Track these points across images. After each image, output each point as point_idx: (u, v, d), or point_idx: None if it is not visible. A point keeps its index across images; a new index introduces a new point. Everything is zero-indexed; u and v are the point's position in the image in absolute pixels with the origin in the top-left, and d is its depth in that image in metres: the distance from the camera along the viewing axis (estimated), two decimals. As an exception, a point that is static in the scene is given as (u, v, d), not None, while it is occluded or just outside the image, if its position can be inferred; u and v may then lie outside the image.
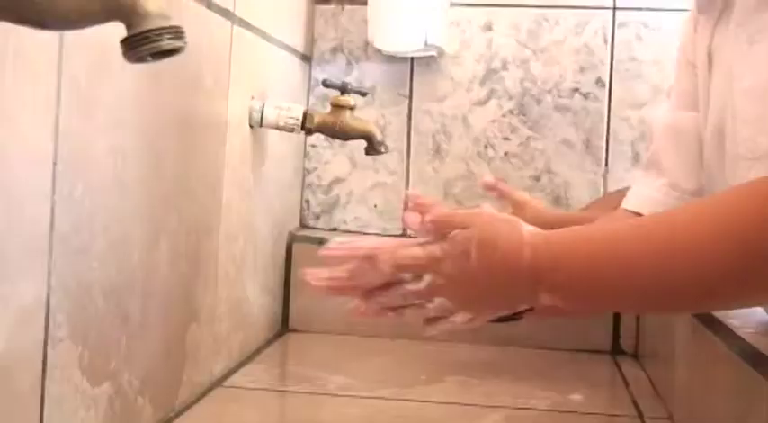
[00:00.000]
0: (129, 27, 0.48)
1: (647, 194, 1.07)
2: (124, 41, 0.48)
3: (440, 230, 0.77)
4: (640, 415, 1.14)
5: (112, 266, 0.85)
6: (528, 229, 0.76)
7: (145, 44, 0.47)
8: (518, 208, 1.35)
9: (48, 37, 0.70)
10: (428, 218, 0.78)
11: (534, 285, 0.73)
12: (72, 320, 0.77)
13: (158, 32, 0.47)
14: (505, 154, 1.61)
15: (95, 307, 0.82)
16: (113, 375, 0.86)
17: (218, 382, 1.17)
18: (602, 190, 1.57)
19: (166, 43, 0.48)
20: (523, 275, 0.73)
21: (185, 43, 0.49)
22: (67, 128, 0.74)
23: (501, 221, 0.77)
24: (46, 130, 0.72)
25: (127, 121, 0.87)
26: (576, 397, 1.20)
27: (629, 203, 1.08)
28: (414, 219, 0.78)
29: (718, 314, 0.93)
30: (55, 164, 0.73)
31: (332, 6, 1.64)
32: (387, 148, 1.32)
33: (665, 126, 1.09)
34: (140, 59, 0.48)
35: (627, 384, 1.31)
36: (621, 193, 1.16)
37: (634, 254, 0.71)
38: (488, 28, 1.61)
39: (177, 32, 0.48)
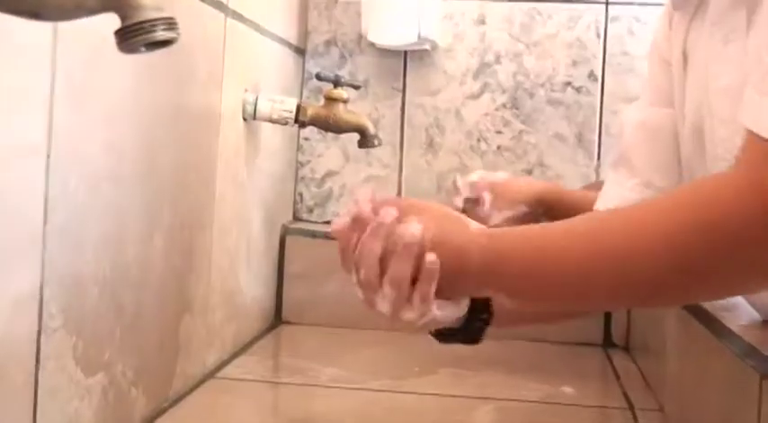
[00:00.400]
0: (123, 18, 0.48)
1: (618, 194, 1.06)
2: (118, 32, 0.48)
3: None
4: (631, 407, 1.15)
5: (106, 258, 0.85)
6: (474, 227, 0.78)
7: (139, 35, 0.48)
8: (502, 190, 1.36)
9: (42, 29, 0.71)
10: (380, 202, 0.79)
11: (481, 281, 0.76)
12: (66, 312, 0.77)
13: (152, 23, 0.48)
14: (498, 147, 1.61)
15: (89, 298, 0.82)
16: (107, 366, 0.87)
17: (211, 374, 1.18)
18: (594, 183, 1.58)
19: (160, 34, 0.48)
20: (472, 272, 0.76)
21: (178, 34, 0.49)
22: (61, 120, 0.74)
23: (450, 218, 0.79)
24: (40, 123, 0.72)
25: (121, 114, 0.87)
26: (568, 389, 1.20)
27: (600, 203, 1.07)
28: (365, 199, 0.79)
29: (709, 307, 0.93)
30: (48, 156, 0.73)
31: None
32: (380, 141, 1.32)
33: (638, 123, 1.07)
34: (134, 50, 0.49)
35: (618, 377, 1.31)
36: None
37: (561, 249, 0.74)
38: (481, 21, 1.61)
39: (170, 24, 0.48)
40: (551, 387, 1.21)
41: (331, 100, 1.30)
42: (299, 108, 1.27)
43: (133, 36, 0.47)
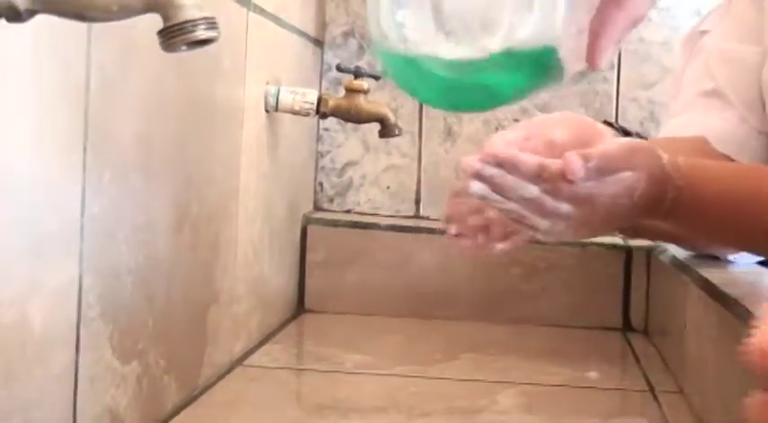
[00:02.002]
0: (165, 18, 0.50)
1: (716, 124, 1.04)
2: (161, 32, 0.50)
3: (604, 173, 0.77)
4: (651, 389, 1.17)
5: (139, 249, 0.87)
6: (666, 160, 0.79)
7: (181, 34, 0.49)
8: None
9: (77, 26, 0.73)
10: (592, 164, 0.76)
11: (664, 217, 0.77)
12: (102, 301, 0.79)
13: (194, 23, 0.50)
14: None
15: (124, 289, 0.85)
16: (141, 354, 0.89)
17: (239, 362, 1.20)
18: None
19: (201, 33, 0.50)
20: (661, 212, 0.77)
21: (219, 33, 0.51)
22: (96, 115, 0.76)
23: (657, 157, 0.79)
24: (77, 117, 0.74)
25: (150, 108, 0.89)
26: (593, 374, 1.22)
27: (690, 129, 1.05)
28: (577, 166, 0.76)
29: (728, 289, 0.95)
30: (85, 149, 0.75)
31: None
32: (400, 130, 1.34)
33: (726, 56, 1.05)
34: (176, 49, 0.51)
35: (638, 360, 1.33)
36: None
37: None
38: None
39: (211, 23, 0.50)
40: (573, 371, 1.23)
41: (352, 91, 1.31)
42: (320, 99, 1.29)
43: (176, 35, 0.49)
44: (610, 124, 1.28)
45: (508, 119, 1.63)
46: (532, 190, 0.76)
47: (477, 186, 0.77)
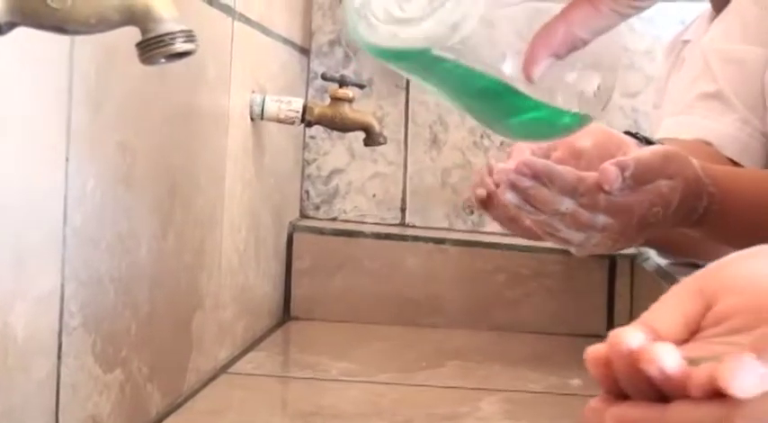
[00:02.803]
0: (143, 32, 0.50)
1: (715, 127, 1.04)
2: (140, 45, 0.51)
3: (640, 182, 0.77)
4: (634, 396, 1.17)
5: (122, 257, 0.88)
6: (699, 167, 0.79)
7: (160, 47, 0.50)
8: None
9: (60, 37, 0.73)
10: (629, 173, 0.76)
11: (697, 224, 0.78)
12: (85, 310, 0.80)
13: (172, 36, 0.50)
14: (501, 143, 1.63)
15: (106, 297, 0.85)
16: (124, 362, 0.89)
17: (224, 369, 1.20)
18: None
19: (180, 46, 0.51)
20: (694, 219, 0.78)
21: (197, 46, 0.52)
22: (78, 124, 0.77)
23: (691, 165, 0.79)
24: (59, 126, 0.75)
25: (134, 117, 0.89)
26: (576, 381, 1.23)
27: (688, 133, 1.04)
28: (614, 175, 0.76)
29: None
30: (67, 159, 0.76)
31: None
32: (385, 139, 1.35)
33: (728, 57, 1.04)
34: (154, 62, 0.51)
35: (621, 367, 1.34)
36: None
37: None
38: (489, 25, 1.63)
39: (189, 36, 0.51)
40: (557, 378, 1.24)
41: (337, 100, 1.32)
42: (305, 108, 1.30)
43: (154, 48, 0.50)
44: (631, 135, 1.27)
45: (493, 127, 1.64)
46: (568, 204, 0.76)
47: (511, 196, 0.78)
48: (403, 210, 1.67)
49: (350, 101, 1.32)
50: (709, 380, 0.38)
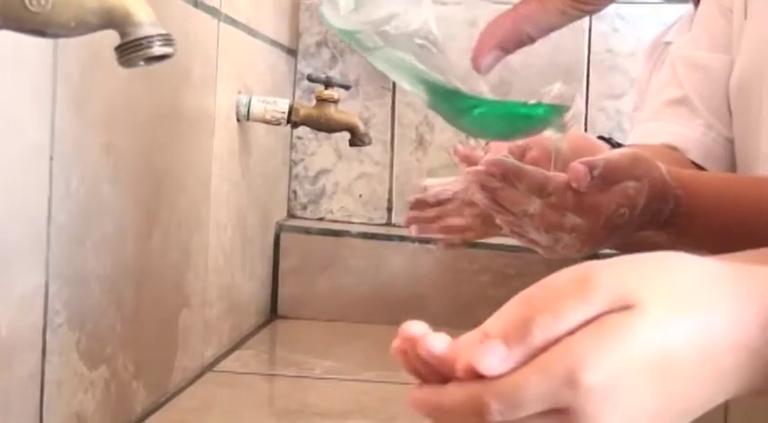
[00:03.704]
0: (122, 35, 0.52)
1: (681, 132, 1.05)
2: (118, 48, 0.52)
3: (608, 182, 0.78)
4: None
5: (107, 256, 0.89)
6: (665, 170, 0.80)
7: (138, 51, 0.51)
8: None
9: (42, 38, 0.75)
10: (597, 172, 0.77)
11: (663, 227, 0.79)
12: (69, 307, 0.81)
13: (150, 39, 0.51)
14: (487, 143, 1.65)
15: (91, 294, 0.86)
16: (109, 360, 0.91)
17: (209, 367, 1.22)
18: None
19: (157, 49, 0.52)
20: (660, 222, 0.79)
21: (175, 49, 0.53)
22: (62, 123, 0.78)
23: (657, 167, 0.80)
24: (42, 126, 0.76)
25: (119, 117, 0.91)
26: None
27: (656, 138, 1.06)
28: (583, 174, 0.77)
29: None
30: (51, 158, 0.77)
31: (316, 0, 1.68)
32: (370, 139, 1.36)
33: (694, 64, 1.06)
34: (133, 65, 0.53)
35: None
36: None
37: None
38: (472, 24, 1.65)
39: (167, 39, 0.52)
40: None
41: (322, 101, 1.33)
42: (291, 109, 1.31)
43: (132, 52, 0.51)
44: (605, 140, 1.29)
45: (479, 128, 1.65)
46: (536, 205, 0.78)
47: (481, 196, 0.79)
48: (389, 210, 1.68)
49: (335, 102, 1.34)
50: (468, 362, 0.46)
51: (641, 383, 0.45)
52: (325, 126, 1.34)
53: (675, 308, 0.47)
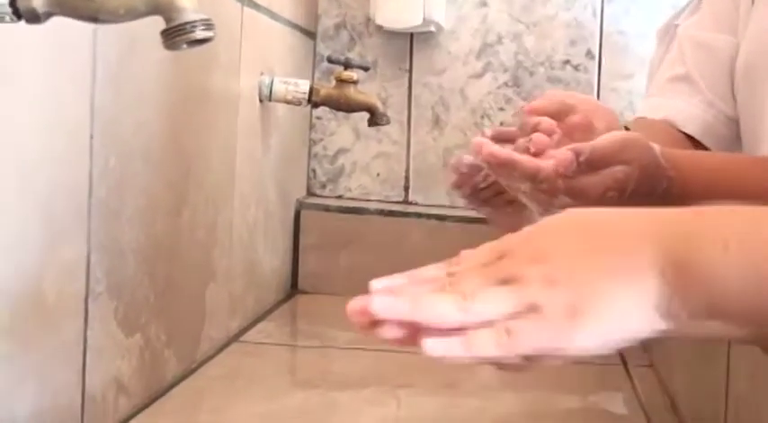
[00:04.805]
0: (167, 20, 0.56)
1: (682, 108, 1.08)
2: (164, 32, 0.56)
3: (596, 167, 0.81)
4: (624, 363, 1.24)
5: (141, 230, 0.94)
6: (658, 151, 0.82)
7: (182, 35, 0.56)
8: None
9: (84, 23, 0.79)
10: (583, 158, 0.80)
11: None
12: (108, 277, 0.86)
13: (193, 24, 0.56)
14: (501, 123, 1.69)
15: (127, 266, 0.91)
16: (144, 328, 0.96)
17: (235, 338, 1.27)
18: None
19: (199, 33, 0.56)
20: (652, 204, 0.83)
21: (215, 33, 0.57)
22: (101, 104, 0.83)
23: (649, 149, 0.82)
24: (84, 106, 0.81)
25: (151, 98, 0.95)
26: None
27: (659, 113, 1.09)
28: (569, 160, 0.80)
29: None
30: (92, 137, 0.82)
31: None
32: (388, 119, 1.40)
33: (699, 44, 1.09)
34: (177, 48, 0.57)
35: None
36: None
37: None
38: (483, 4, 1.69)
39: (208, 24, 0.57)
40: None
41: (341, 82, 1.38)
42: (311, 90, 1.36)
43: (177, 35, 0.56)
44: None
45: (493, 108, 1.69)
46: (527, 186, 0.83)
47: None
48: (406, 188, 1.73)
49: (354, 83, 1.38)
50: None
51: (565, 231, 0.51)
52: (344, 106, 1.38)
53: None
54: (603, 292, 0.49)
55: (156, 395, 0.99)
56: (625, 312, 0.48)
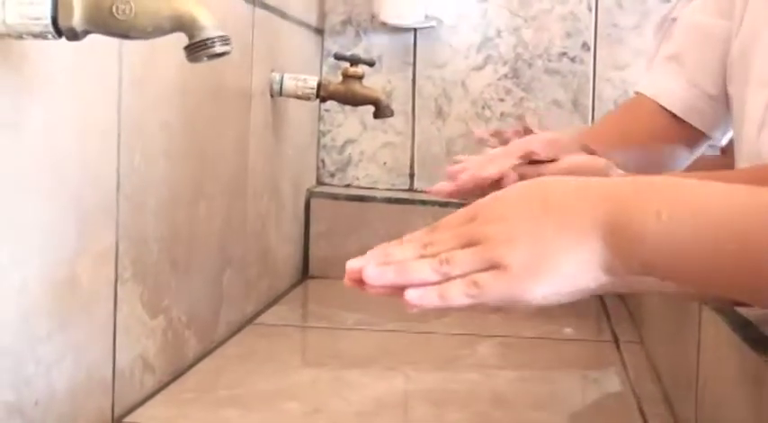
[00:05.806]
0: (190, 37, 0.64)
1: (668, 87, 1.14)
2: (187, 48, 0.64)
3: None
4: (616, 340, 1.31)
5: (163, 221, 1.01)
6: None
7: (203, 50, 0.63)
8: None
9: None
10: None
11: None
12: (135, 264, 0.94)
13: (213, 40, 0.63)
14: (501, 114, 1.76)
15: (151, 254, 0.99)
16: (166, 311, 1.03)
17: (250, 321, 1.34)
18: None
19: (219, 48, 0.64)
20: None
21: (232, 47, 0.65)
22: (127, 105, 0.90)
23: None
24: (111, 109, 0.88)
25: (171, 98, 1.03)
26: (566, 329, 1.36)
27: (650, 88, 1.15)
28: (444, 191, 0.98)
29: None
30: (119, 135, 0.89)
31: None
32: (392, 111, 1.47)
33: (693, 26, 1.14)
34: (198, 61, 0.65)
35: (609, 317, 1.47)
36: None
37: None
38: (483, -1, 1.76)
39: (225, 40, 0.64)
40: (551, 327, 1.36)
41: (348, 77, 1.45)
42: (319, 85, 1.43)
43: (198, 51, 0.63)
44: None
45: (494, 99, 1.76)
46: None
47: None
48: (411, 176, 1.80)
49: (360, 77, 1.45)
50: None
51: (526, 196, 0.60)
52: (351, 100, 1.46)
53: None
54: (557, 250, 0.58)
55: (179, 372, 1.07)
56: (575, 268, 0.58)
